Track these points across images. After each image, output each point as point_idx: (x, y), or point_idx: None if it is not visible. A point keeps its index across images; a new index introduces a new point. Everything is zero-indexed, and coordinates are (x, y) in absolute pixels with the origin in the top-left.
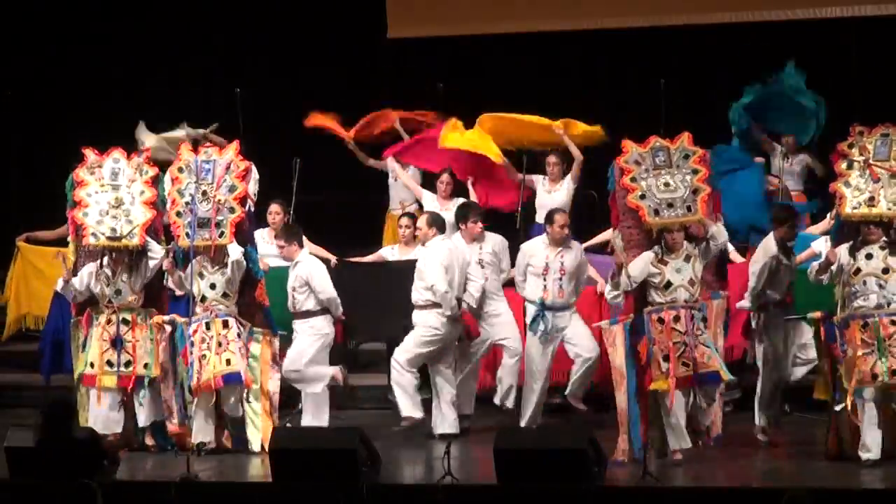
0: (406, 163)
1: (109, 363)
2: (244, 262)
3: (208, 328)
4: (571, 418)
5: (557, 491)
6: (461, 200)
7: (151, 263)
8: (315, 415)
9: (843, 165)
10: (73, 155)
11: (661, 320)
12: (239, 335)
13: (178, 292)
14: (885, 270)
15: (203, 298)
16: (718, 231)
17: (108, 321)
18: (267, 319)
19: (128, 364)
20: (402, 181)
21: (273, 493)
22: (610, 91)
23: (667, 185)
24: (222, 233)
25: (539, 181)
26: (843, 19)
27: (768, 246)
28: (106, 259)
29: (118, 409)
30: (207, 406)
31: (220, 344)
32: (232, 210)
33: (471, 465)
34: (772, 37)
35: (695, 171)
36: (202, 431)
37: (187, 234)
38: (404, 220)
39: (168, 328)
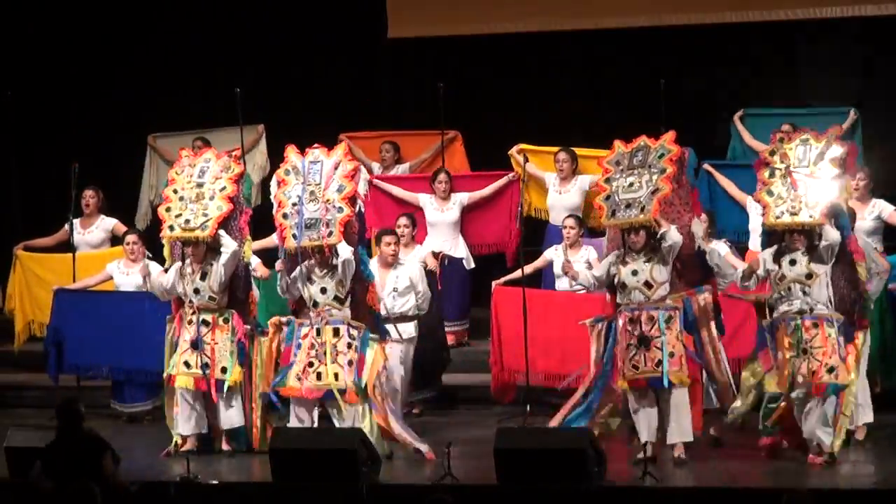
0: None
1: (187, 364)
2: (353, 262)
3: (319, 334)
4: None
5: (557, 491)
6: (462, 196)
7: (222, 258)
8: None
9: (766, 174)
10: (72, 156)
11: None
12: (349, 345)
13: (286, 297)
14: (809, 276)
15: (315, 304)
16: (670, 232)
17: (190, 322)
18: (377, 325)
19: (206, 367)
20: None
21: (273, 493)
22: (610, 91)
23: (631, 185)
24: (331, 232)
25: (550, 180)
26: (843, 19)
27: None
28: (184, 257)
29: (194, 412)
30: (310, 409)
31: (326, 353)
32: (340, 210)
33: (471, 465)
34: (772, 37)
35: (662, 171)
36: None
37: (294, 236)
38: (402, 220)
39: (285, 329)
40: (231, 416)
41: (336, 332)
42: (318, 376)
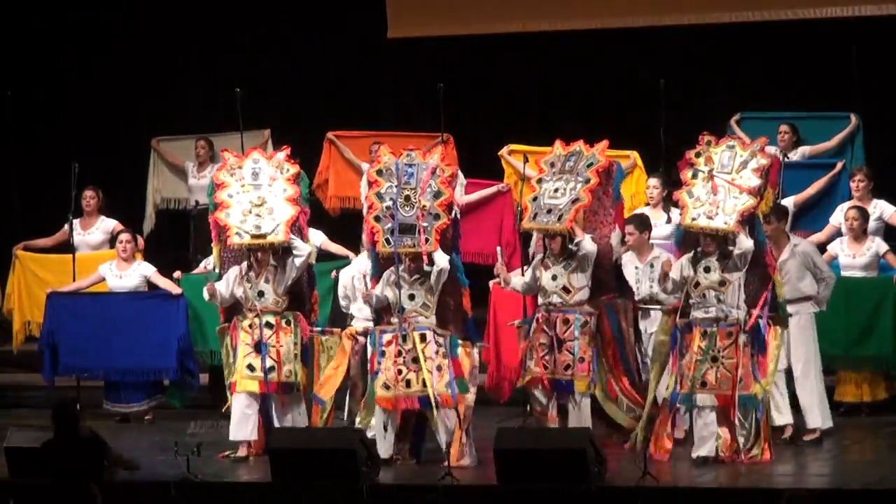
0: None
1: (251, 367)
2: (447, 271)
3: (405, 340)
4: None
5: (557, 491)
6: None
7: (298, 262)
8: None
9: (689, 174)
10: (72, 156)
11: (538, 321)
12: (437, 351)
13: (370, 305)
14: (722, 283)
15: (401, 310)
16: (584, 242)
17: (251, 325)
18: (468, 329)
19: (271, 369)
20: None
21: (273, 493)
22: (610, 91)
23: (556, 190)
24: (427, 239)
25: None
26: (843, 19)
27: None
28: (248, 261)
29: (254, 416)
30: (393, 420)
31: (415, 360)
32: (437, 217)
33: (471, 465)
34: (772, 37)
35: (586, 181)
36: (382, 445)
37: (387, 241)
38: None
39: (361, 339)
40: (292, 420)
41: (423, 338)
42: (408, 384)
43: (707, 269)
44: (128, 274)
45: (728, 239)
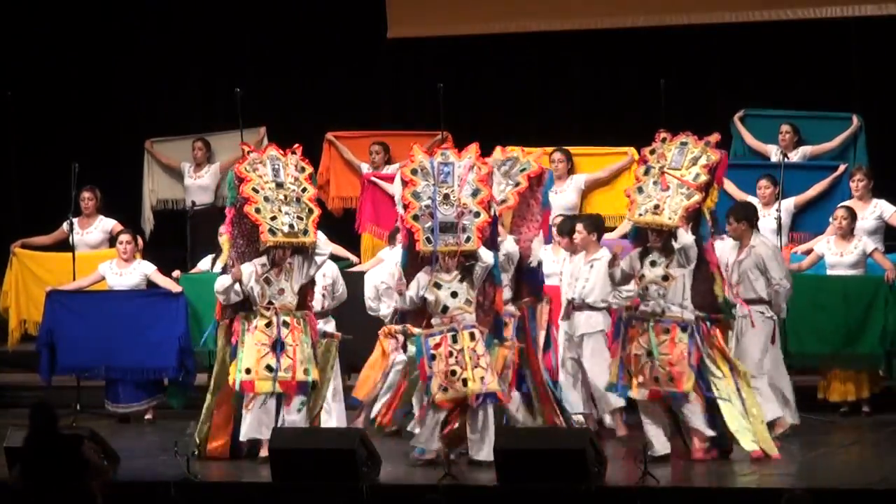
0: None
1: (269, 368)
2: (490, 268)
3: (455, 340)
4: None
5: (557, 491)
6: None
7: (319, 260)
8: None
9: (641, 171)
10: (72, 156)
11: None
12: (486, 347)
13: (399, 305)
14: (665, 278)
15: (444, 309)
16: (507, 242)
17: (268, 324)
18: (498, 328)
19: (288, 369)
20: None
21: (273, 493)
22: (610, 91)
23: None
24: (468, 238)
25: None
26: (843, 19)
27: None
28: (267, 258)
29: (265, 417)
30: (439, 419)
31: (469, 359)
32: (477, 214)
33: (471, 465)
34: (772, 37)
35: (517, 184)
36: (428, 443)
37: (428, 240)
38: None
39: (401, 338)
40: (298, 421)
41: (472, 336)
42: (465, 383)
43: (653, 264)
44: (128, 272)
45: (672, 234)
